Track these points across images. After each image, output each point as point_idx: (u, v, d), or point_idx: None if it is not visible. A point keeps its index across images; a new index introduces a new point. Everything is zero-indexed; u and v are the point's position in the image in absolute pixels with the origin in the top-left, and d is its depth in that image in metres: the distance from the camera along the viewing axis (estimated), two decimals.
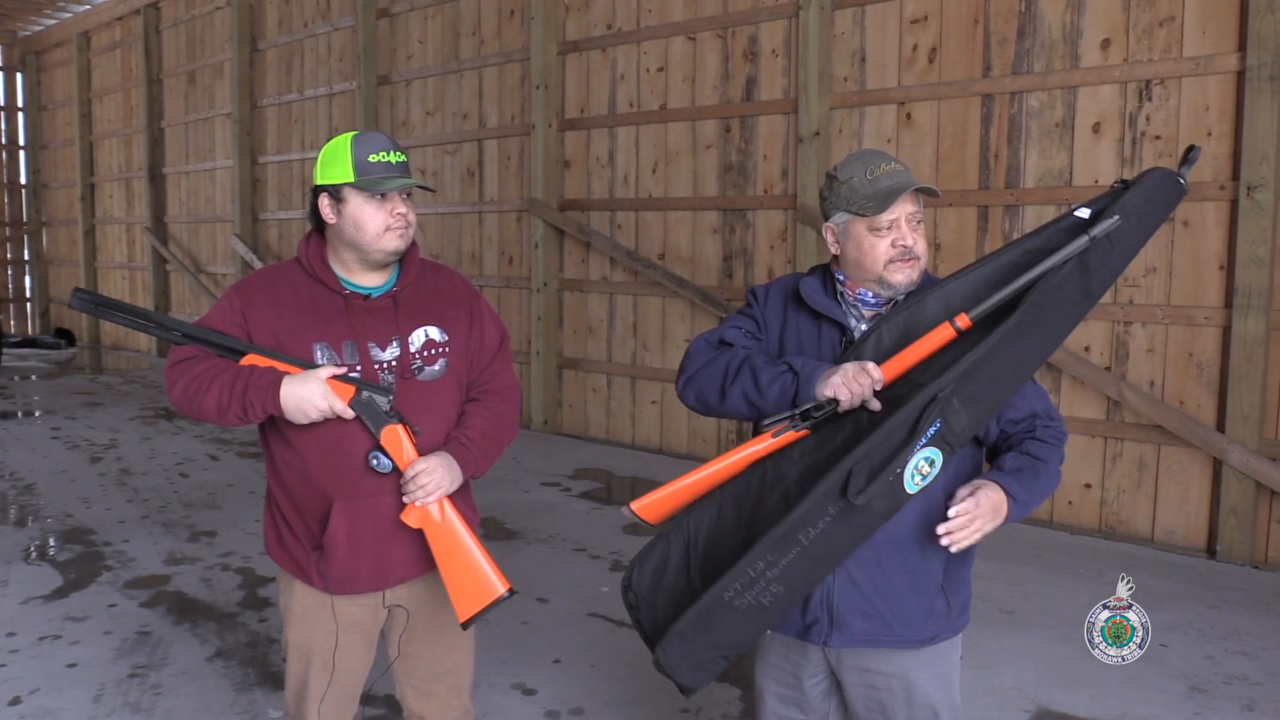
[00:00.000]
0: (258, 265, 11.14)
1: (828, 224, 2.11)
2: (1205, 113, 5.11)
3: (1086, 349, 5.51)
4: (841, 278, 2.12)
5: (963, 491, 1.93)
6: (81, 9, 14.90)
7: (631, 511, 2.15)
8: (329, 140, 2.27)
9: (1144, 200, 1.99)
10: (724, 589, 1.92)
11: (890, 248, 2.02)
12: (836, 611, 2.04)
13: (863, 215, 2.02)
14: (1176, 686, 3.62)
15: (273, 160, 11.51)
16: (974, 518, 1.90)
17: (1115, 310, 5.38)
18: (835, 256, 2.14)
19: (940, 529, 1.90)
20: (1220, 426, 5.09)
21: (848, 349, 2.06)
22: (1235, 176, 4.99)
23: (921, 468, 1.88)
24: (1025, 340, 1.94)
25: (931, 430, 1.88)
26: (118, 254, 14.93)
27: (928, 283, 2.11)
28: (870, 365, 1.94)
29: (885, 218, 2.01)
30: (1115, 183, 2.03)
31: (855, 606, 2.03)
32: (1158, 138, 5.25)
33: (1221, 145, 5.07)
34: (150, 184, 13.61)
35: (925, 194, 2.07)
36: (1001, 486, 1.95)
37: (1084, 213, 2.01)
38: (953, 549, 1.92)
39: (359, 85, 9.86)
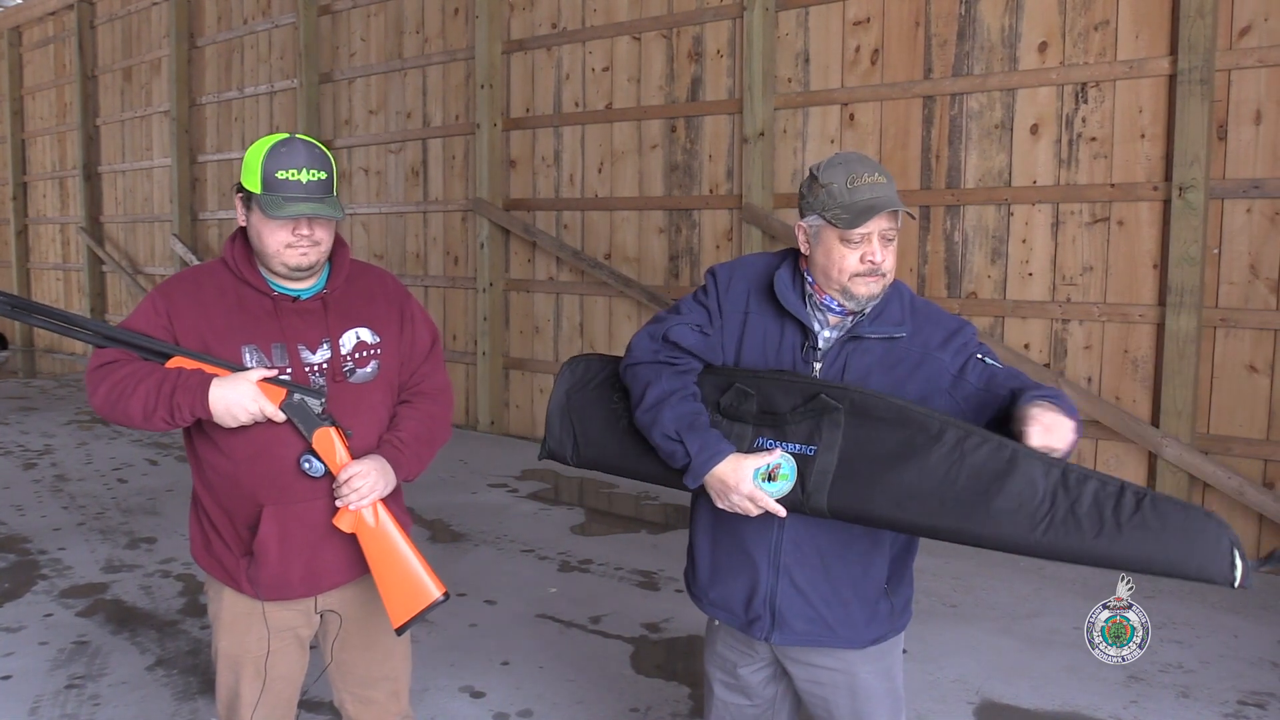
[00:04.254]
0: None
1: (800, 223, 2.06)
2: (1139, 115, 5.23)
3: (1026, 346, 5.61)
4: (811, 279, 2.07)
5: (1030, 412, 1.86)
6: (12, 3, 14.51)
7: None
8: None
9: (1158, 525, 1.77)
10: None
11: (859, 262, 1.98)
12: (778, 612, 2.06)
13: (835, 225, 1.98)
14: (1114, 676, 3.70)
15: (212, 159, 11.31)
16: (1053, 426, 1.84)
17: (1054, 308, 5.49)
18: (805, 255, 2.08)
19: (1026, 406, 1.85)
20: (1155, 421, 5.21)
21: (808, 352, 2.05)
22: (1168, 177, 5.12)
23: (774, 468, 1.92)
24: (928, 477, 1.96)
25: (795, 447, 1.94)
26: (52, 254, 14.56)
27: (895, 296, 2.08)
28: (755, 492, 1.92)
29: (857, 233, 1.97)
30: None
31: (798, 611, 2.05)
32: (1093, 139, 5.36)
33: (1154, 147, 5.19)
34: (85, 183, 13.28)
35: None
36: (1055, 402, 1.87)
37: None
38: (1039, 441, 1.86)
39: (300, 83, 9.73)
